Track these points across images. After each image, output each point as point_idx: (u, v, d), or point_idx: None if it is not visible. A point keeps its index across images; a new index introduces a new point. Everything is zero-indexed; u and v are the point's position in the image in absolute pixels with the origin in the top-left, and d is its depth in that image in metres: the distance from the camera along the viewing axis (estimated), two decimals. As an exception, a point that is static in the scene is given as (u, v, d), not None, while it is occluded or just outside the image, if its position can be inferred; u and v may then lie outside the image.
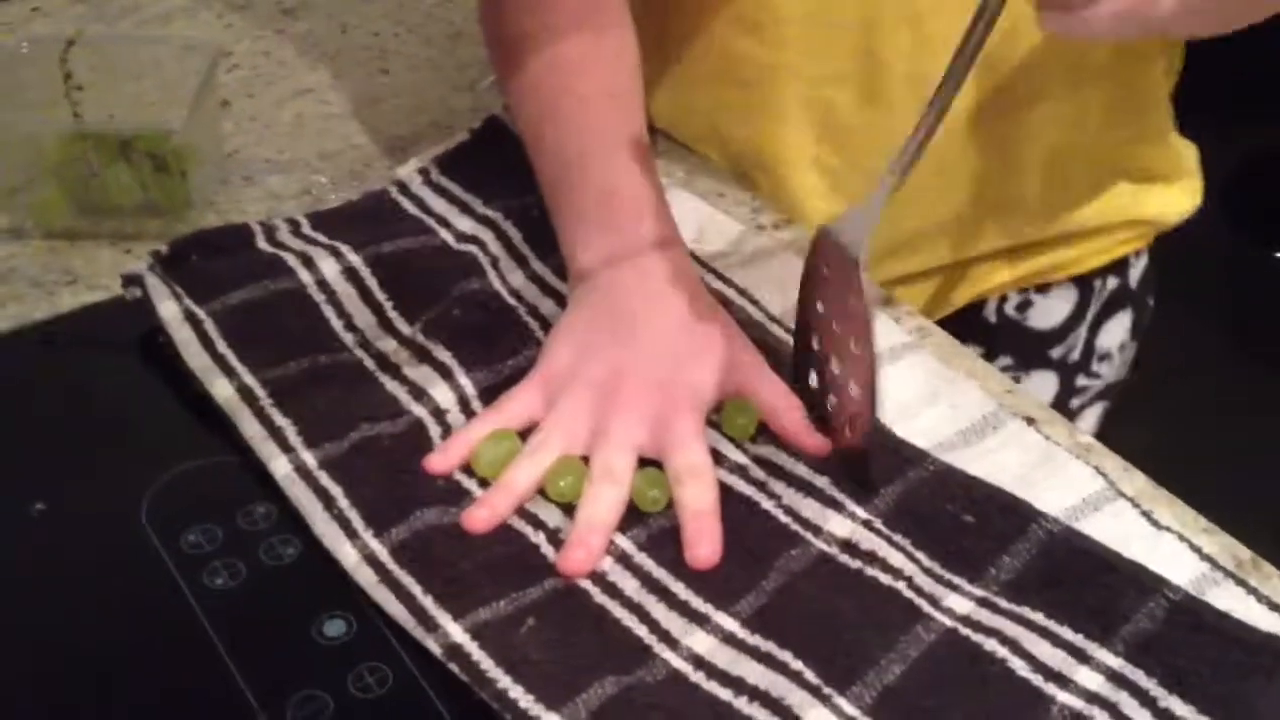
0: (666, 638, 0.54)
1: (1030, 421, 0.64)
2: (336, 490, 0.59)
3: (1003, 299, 0.82)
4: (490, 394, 0.65)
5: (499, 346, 0.67)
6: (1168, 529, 0.59)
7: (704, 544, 0.57)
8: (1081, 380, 0.84)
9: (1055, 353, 0.83)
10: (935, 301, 0.83)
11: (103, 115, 0.79)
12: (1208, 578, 0.57)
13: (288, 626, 0.55)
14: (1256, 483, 1.75)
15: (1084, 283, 0.82)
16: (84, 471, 0.62)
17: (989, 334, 0.82)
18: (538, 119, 0.73)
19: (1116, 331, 0.84)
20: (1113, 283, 0.83)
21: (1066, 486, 0.60)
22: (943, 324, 0.74)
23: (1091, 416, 0.87)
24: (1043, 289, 0.81)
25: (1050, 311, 0.82)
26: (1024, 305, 0.82)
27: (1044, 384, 0.84)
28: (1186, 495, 0.62)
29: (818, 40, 0.75)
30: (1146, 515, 0.59)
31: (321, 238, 0.74)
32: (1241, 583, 0.57)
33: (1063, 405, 0.85)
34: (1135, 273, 0.83)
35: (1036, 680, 0.52)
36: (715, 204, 0.80)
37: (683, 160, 0.86)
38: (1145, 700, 0.51)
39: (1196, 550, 0.58)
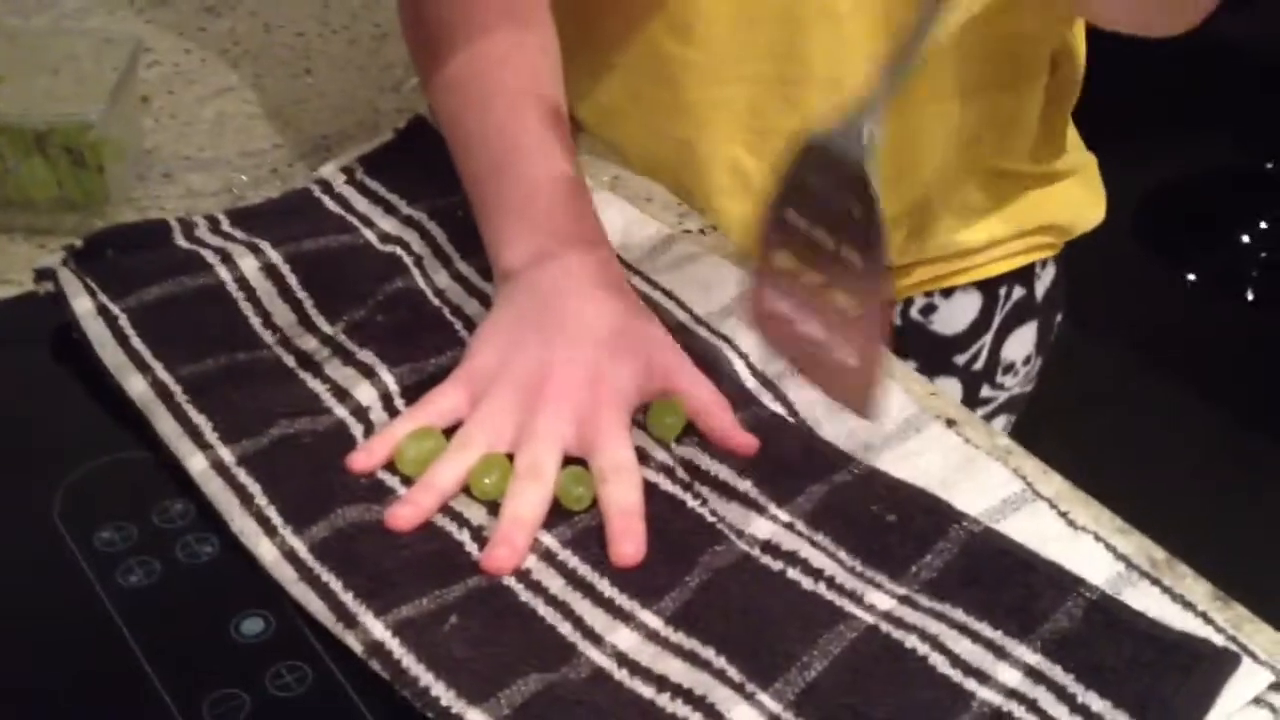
0: (590, 635, 0.54)
1: (951, 424, 0.65)
2: (255, 487, 0.58)
3: (909, 301, 0.82)
4: (414, 392, 0.64)
5: (423, 345, 0.67)
6: (1084, 529, 0.60)
7: (628, 542, 0.57)
8: (986, 390, 0.85)
9: (960, 359, 0.83)
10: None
11: (17, 108, 0.77)
12: (1123, 577, 0.58)
13: (205, 625, 0.54)
14: (1169, 484, 1.79)
15: (988, 289, 0.82)
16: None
17: (896, 337, 0.81)
18: (460, 114, 0.72)
19: (1022, 343, 0.84)
20: (1019, 292, 0.83)
21: (986, 488, 0.61)
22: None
23: (1000, 424, 0.88)
24: (947, 293, 0.81)
25: (954, 317, 0.82)
26: (928, 309, 0.82)
27: (948, 391, 0.83)
28: (1102, 499, 0.63)
29: (742, 39, 0.76)
30: (1064, 516, 0.60)
31: (240, 235, 0.73)
32: (1156, 582, 0.58)
33: None
34: (1042, 285, 0.84)
35: (957, 676, 0.52)
36: (642, 207, 0.80)
37: (610, 163, 0.86)
38: (1063, 696, 0.52)
39: (1112, 550, 0.59)
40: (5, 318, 0.70)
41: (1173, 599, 0.57)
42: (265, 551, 0.55)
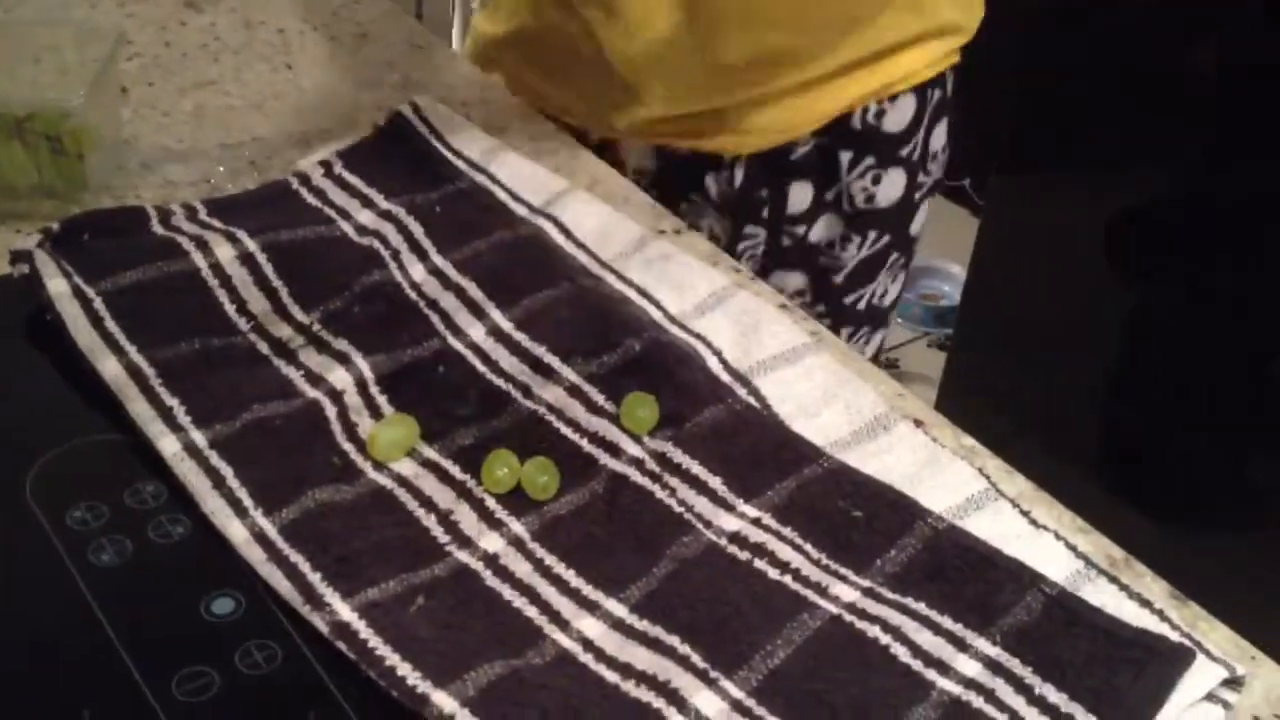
0: (557, 619, 0.54)
1: (918, 424, 0.66)
2: (226, 470, 0.58)
3: (865, 109, 0.97)
4: (388, 380, 0.65)
5: (399, 336, 0.67)
6: (1045, 528, 0.61)
7: None
8: (921, 176, 1.03)
9: (904, 152, 1.00)
10: (816, 112, 0.96)
11: (-2, 93, 0.77)
12: (1083, 574, 0.59)
13: (175, 604, 0.54)
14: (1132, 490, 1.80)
15: (920, 93, 0.99)
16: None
17: (855, 139, 0.98)
18: None
19: (941, 135, 1.03)
20: (937, 95, 1.01)
21: (951, 486, 0.62)
22: (820, 133, 0.96)
23: (925, 210, 1.06)
24: (893, 99, 0.98)
25: (900, 117, 0.98)
26: (880, 114, 0.98)
27: (897, 180, 1.01)
28: (1064, 500, 0.64)
29: None
30: (1025, 515, 0.61)
31: (217, 223, 0.73)
32: (1114, 580, 0.59)
33: (909, 200, 1.03)
34: (949, 88, 1.03)
35: (917, 665, 0.53)
36: (619, 208, 0.81)
37: (589, 168, 0.87)
38: (1021, 687, 0.53)
39: (1072, 549, 0.60)
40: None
41: (1130, 596, 0.58)
42: (235, 532, 0.56)
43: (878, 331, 1.11)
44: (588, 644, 0.54)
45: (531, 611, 0.55)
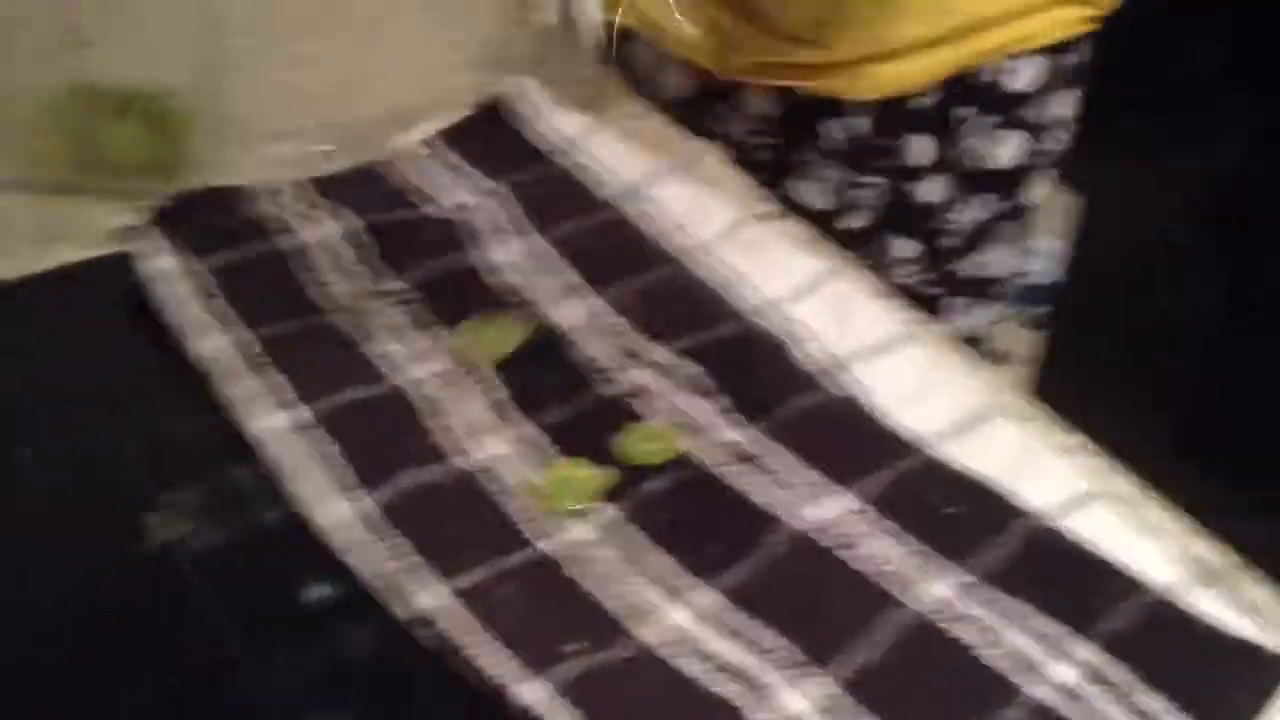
0: (644, 610, 0.54)
1: (1019, 419, 0.65)
2: (326, 448, 0.59)
3: (991, 66, 0.94)
4: (491, 357, 0.65)
5: (492, 316, 0.67)
6: (1148, 530, 0.59)
7: None
8: (1042, 143, 0.99)
9: (1026, 114, 0.97)
10: (936, 65, 0.93)
11: (104, 73, 0.78)
12: (1185, 579, 0.57)
13: (273, 588, 0.55)
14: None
15: (1049, 56, 0.96)
16: (66, 429, 0.61)
17: (978, 96, 0.95)
18: None
19: (1067, 104, 1.00)
20: (1067, 61, 0.97)
21: (1051, 483, 0.61)
22: (944, 86, 0.92)
23: (1044, 180, 1.02)
24: (1021, 58, 0.94)
25: (1025, 77, 0.95)
26: (1007, 71, 0.95)
27: (1015, 142, 0.98)
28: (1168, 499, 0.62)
29: None
30: (1130, 516, 0.60)
31: (323, 202, 0.74)
32: (1218, 585, 0.57)
33: (1025, 165, 0.99)
34: (1084, 54, 0.99)
35: (1004, 669, 0.52)
36: (714, 190, 0.80)
37: (684, 149, 0.86)
38: (1118, 694, 0.52)
39: (1175, 553, 0.58)
40: (81, 279, 0.70)
41: (1234, 603, 0.56)
42: (326, 514, 0.56)
43: (987, 305, 1.09)
44: (675, 635, 0.53)
45: (619, 603, 0.54)
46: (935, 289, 1.05)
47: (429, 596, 0.53)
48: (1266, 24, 1.64)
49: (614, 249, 0.73)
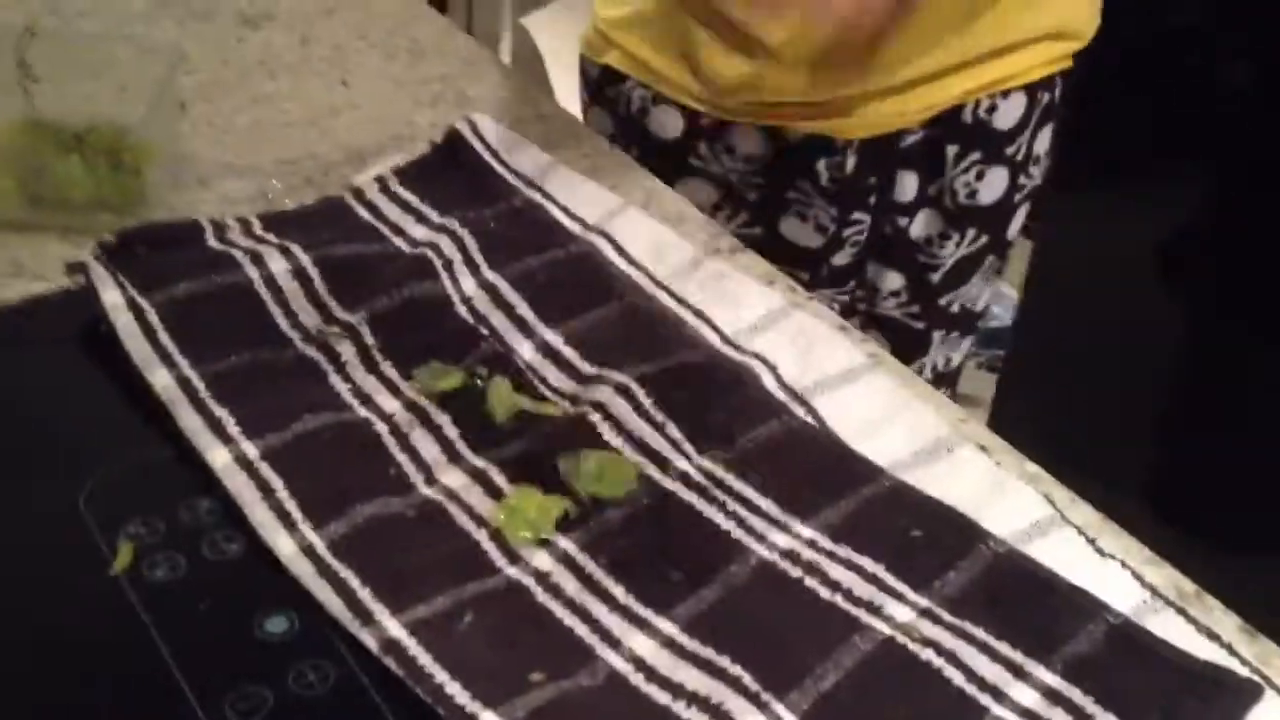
0: (608, 637, 0.54)
1: (981, 448, 0.65)
2: (277, 481, 0.58)
3: (977, 103, 0.98)
4: (439, 399, 0.64)
5: (446, 351, 0.67)
6: (1112, 557, 0.59)
7: None
8: (1023, 178, 1.03)
9: (1009, 150, 1.01)
10: (923, 102, 0.97)
11: (58, 109, 0.78)
12: (1149, 605, 0.57)
13: (229, 621, 0.54)
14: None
15: (1031, 92, 1.00)
16: (23, 462, 0.61)
17: (964, 133, 0.99)
18: None
19: (1045, 139, 1.04)
20: (1046, 97, 1.01)
21: (1015, 511, 0.61)
22: (931, 124, 0.97)
23: (1022, 214, 1.06)
24: (1005, 95, 0.99)
25: (1009, 114, 0.99)
26: (991, 108, 0.99)
27: (1000, 179, 1.02)
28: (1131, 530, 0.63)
29: None
30: (1091, 543, 0.60)
31: (271, 237, 0.73)
32: (1182, 612, 0.57)
33: (1010, 199, 1.04)
34: (1058, 93, 1.04)
35: (971, 691, 0.52)
36: (674, 226, 0.80)
37: (644, 185, 0.86)
38: (1080, 717, 0.51)
39: (1139, 579, 0.59)
40: (38, 314, 0.70)
41: (1198, 630, 0.56)
42: (284, 545, 0.55)
43: (966, 338, 1.12)
44: (639, 664, 0.53)
45: (582, 630, 0.54)
46: (919, 322, 1.06)
47: (387, 628, 0.52)
48: (1219, 79, 1.68)
49: (571, 285, 0.73)
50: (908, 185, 1.01)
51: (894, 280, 1.05)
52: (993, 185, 1.02)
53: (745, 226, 1.02)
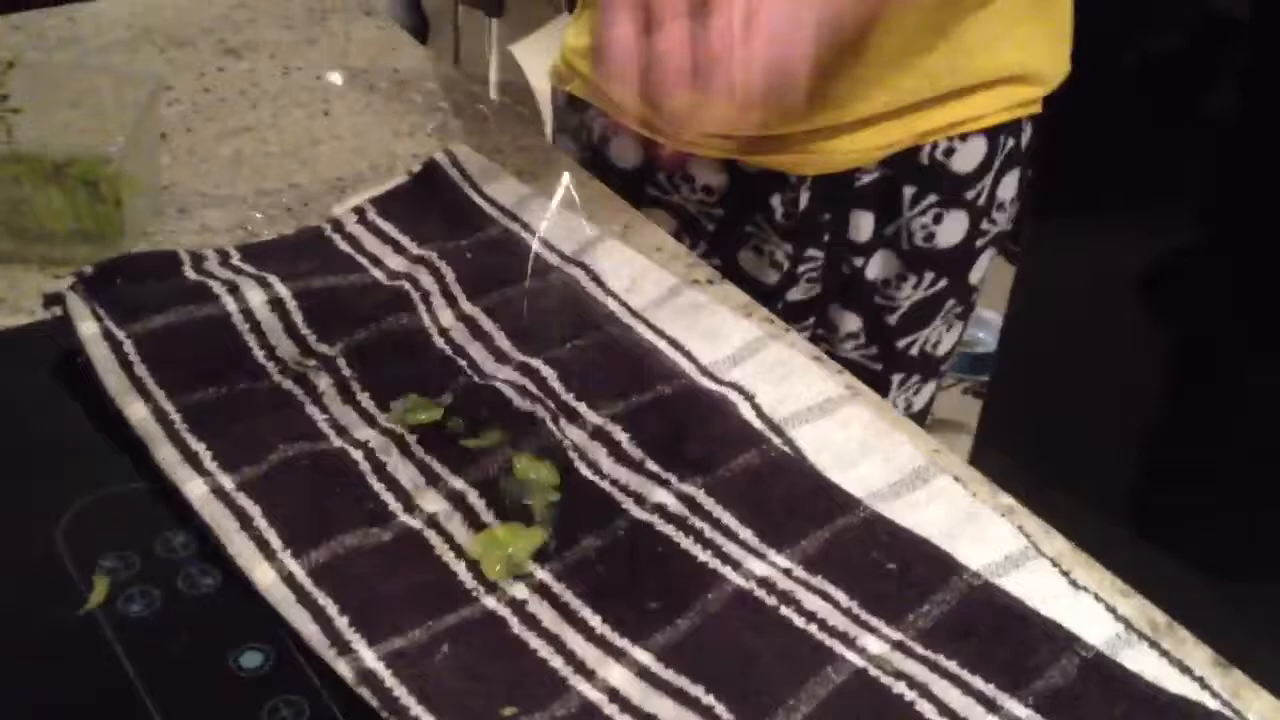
0: (582, 668, 0.54)
1: (956, 480, 0.65)
2: (254, 510, 0.58)
3: (934, 145, 0.97)
4: (417, 431, 0.64)
5: (425, 385, 0.67)
6: (1085, 589, 0.60)
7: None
8: (985, 224, 1.02)
9: (969, 194, 0.99)
10: (878, 140, 0.95)
11: (37, 139, 0.78)
12: (1122, 638, 0.58)
13: (204, 657, 0.54)
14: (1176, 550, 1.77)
15: (992, 137, 0.98)
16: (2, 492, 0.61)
17: (921, 174, 0.98)
18: None
19: (1010, 186, 1.02)
20: (1010, 143, 1.00)
21: (989, 543, 0.61)
22: (887, 164, 0.96)
23: (986, 259, 1.05)
24: (964, 138, 0.97)
25: (968, 157, 0.98)
26: (949, 151, 0.97)
27: (958, 223, 1.00)
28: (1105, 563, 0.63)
29: None
30: (1065, 575, 0.60)
31: (250, 268, 0.73)
32: (1155, 645, 0.58)
33: (970, 244, 1.02)
34: (1024, 139, 1.02)
35: None
36: (651, 256, 0.80)
37: (621, 214, 0.87)
38: None
39: (1112, 611, 0.59)
40: (17, 345, 0.70)
41: (1170, 662, 0.57)
42: (262, 575, 0.55)
43: (929, 382, 1.10)
44: (613, 694, 0.53)
45: (557, 661, 0.54)
46: (877, 363, 1.06)
47: (363, 659, 0.52)
48: (1198, 104, 1.69)
49: (548, 315, 0.73)
50: (863, 225, 1.00)
51: (852, 322, 1.05)
52: (951, 229, 1.00)
53: (704, 257, 1.01)
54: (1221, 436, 1.88)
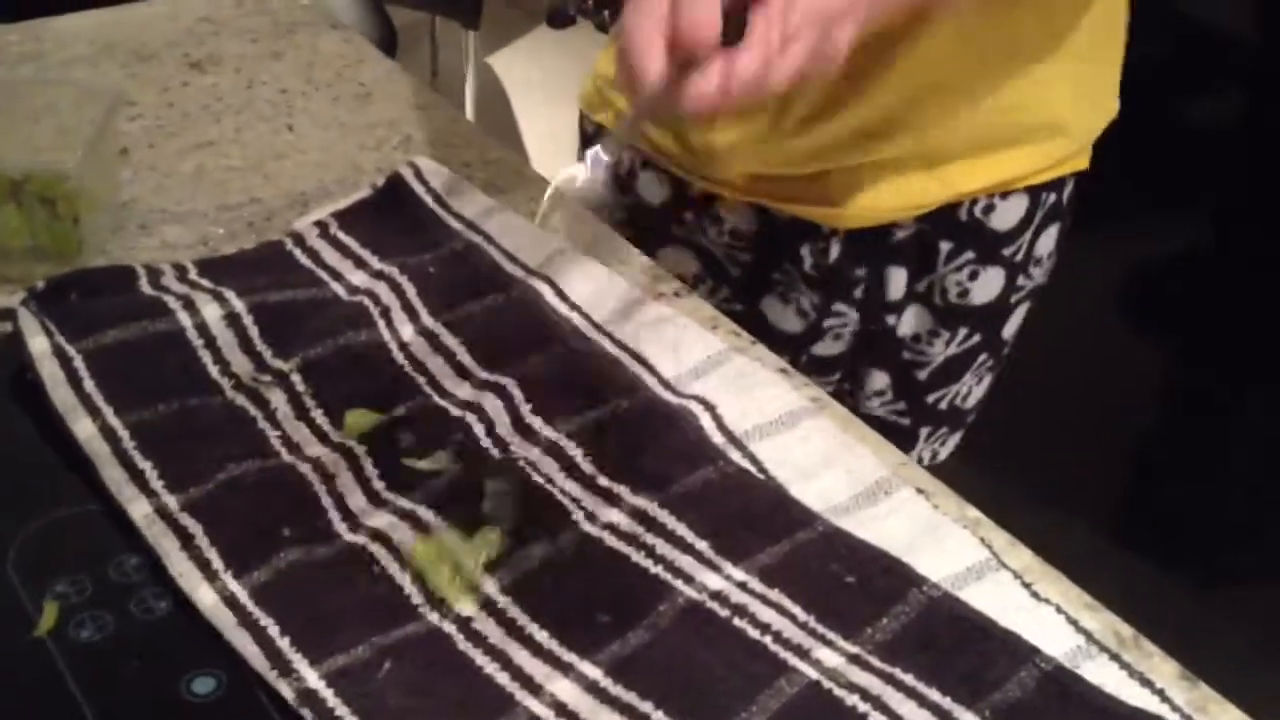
0: (529, 684, 0.53)
1: (920, 491, 0.65)
2: (196, 529, 0.57)
3: (973, 202, 0.94)
4: (369, 440, 0.64)
5: (382, 400, 0.66)
6: (1047, 601, 0.59)
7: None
8: (1021, 279, 0.99)
9: (1006, 251, 0.96)
10: (915, 197, 0.92)
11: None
12: (1084, 651, 0.57)
13: (155, 682, 0.53)
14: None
15: (1034, 194, 0.95)
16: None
17: (959, 230, 0.95)
18: None
19: (1049, 240, 0.99)
20: (1051, 198, 0.97)
21: (951, 555, 0.61)
22: (923, 220, 0.93)
23: (1021, 314, 1.02)
24: (1005, 195, 0.94)
25: (1009, 215, 0.95)
26: (989, 209, 0.94)
27: (995, 279, 0.97)
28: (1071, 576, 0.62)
29: None
30: (1027, 587, 0.60)
31: (206, 283, 0.73)
32: (1116, 658, 0.57)
33: (1005, 301, 0.99)
34: (1066, 193, 0.99)
35: None
36: (616, 269, 0.80)
37: (587, 227, 0.86)
38: None
39: (1074, 624, 0.58)
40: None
41: (1131, 675, 0.56)
42: (204, 596, 0.55)
43: (955, 433, 1.07)
44: (560, 709, 0.52)
45: (503, 677, 0.54)
46: (905, 419, 1.03)
47: (305, 679, 0.52)
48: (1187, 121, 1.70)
49: (510, 329, 0.73)
50: (896, 281, 0.96)
51: (879, 380, 1.01)
52: (987, 285, 0.97)
53: (727, 302, 0.99)
54: (1207, 449, 1.88)
